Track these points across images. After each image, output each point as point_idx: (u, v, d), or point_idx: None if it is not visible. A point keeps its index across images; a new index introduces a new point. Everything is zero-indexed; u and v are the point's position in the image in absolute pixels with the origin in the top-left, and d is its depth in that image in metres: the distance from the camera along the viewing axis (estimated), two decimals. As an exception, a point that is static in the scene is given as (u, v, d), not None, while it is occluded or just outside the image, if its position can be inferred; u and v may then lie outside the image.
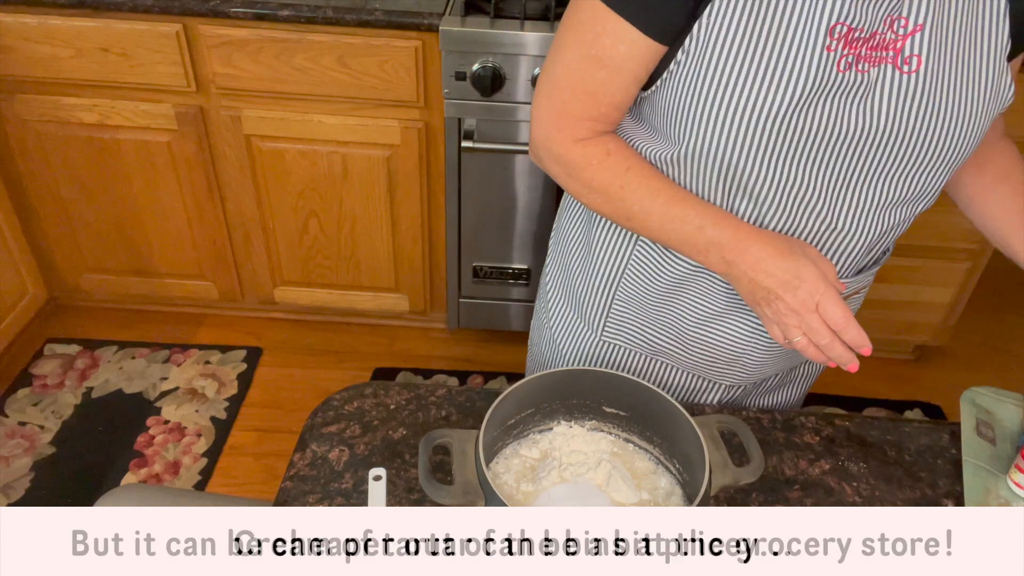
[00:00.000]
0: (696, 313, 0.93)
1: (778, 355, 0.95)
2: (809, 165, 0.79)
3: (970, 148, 0.82)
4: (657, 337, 0.98)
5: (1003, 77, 0.80)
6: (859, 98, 0.76)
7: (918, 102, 0.77)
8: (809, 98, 0.75)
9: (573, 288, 1.03)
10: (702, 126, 0.79)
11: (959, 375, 2.36)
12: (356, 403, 0.94)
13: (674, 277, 0.91)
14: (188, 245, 2.17)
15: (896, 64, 0.76)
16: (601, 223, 0.97)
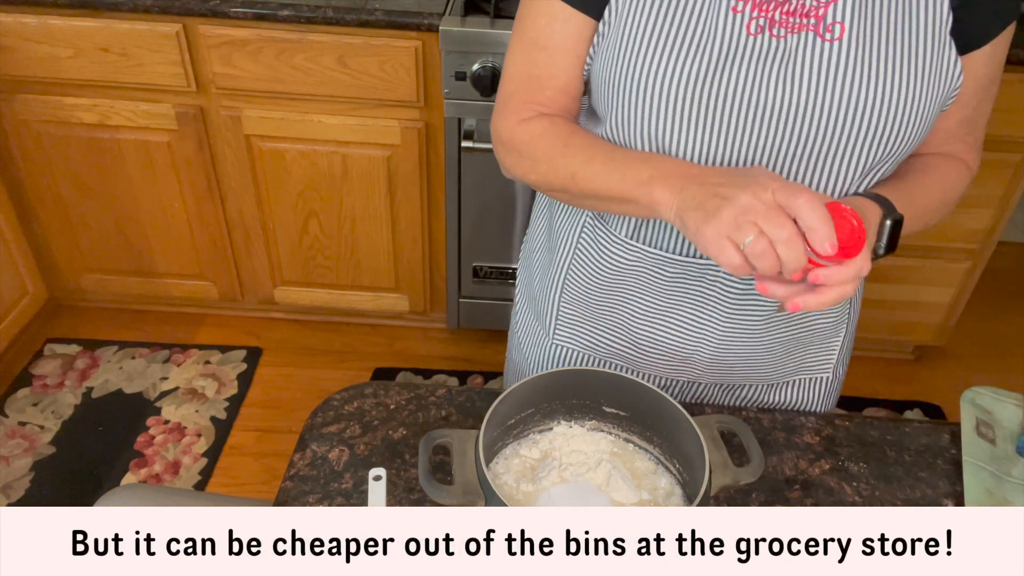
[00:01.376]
0: (641, 311, 0.92)
1: (736, 349, 0.93)
2: (734, 136, 0.77)
3: (911, 134, 0.77)
4: (607, 339, 0.97)
5: (944, 52, 0.77)
6: (779, 66, 0.75)
7: (842, 71, 0.74)
8: (722, 63, 0.74)
9: (533, 290, 1.03)
10: (624, 97, 0.78)
11: (959, 375, 2.36)
12: (356, 403, 0.94)
13: (615, 268, 0.90)
14: (188, 245, 2.17)
15: (818, 32, 0.74)
16: (558, 215, 0.96)
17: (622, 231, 0.88)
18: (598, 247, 0.91)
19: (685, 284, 0.88)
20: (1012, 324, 2.59)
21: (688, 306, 0.90)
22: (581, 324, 0.98)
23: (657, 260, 0.87)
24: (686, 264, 0.87)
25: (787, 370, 0.99)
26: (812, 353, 0.98)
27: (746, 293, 0.87)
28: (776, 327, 0.91)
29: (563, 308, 0.98)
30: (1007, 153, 1.91)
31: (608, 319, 0.95)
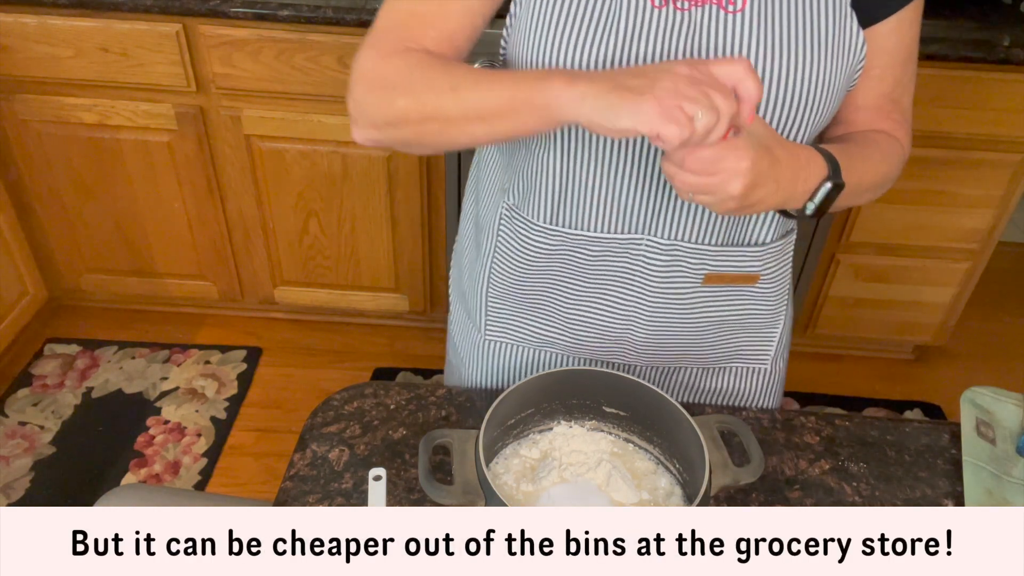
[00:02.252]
0: (568, 294, 0.92)
1: (666, 327, 0.93)
2: None
3: (816, 106, 0.78)
4: (538, 328, 0.97)
5: (846, 24, 0.77)
6: (685, 39, 0.75)
7: (744, 43, 0.75)
8: (630, 39, 0.74)
9: (463, 287, 1.04)
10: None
11: (959, 375, 2.36)
12: (356, 403, 0.94)
13: (537, 254, 0.90)
14: (188, 245, 2.17)
15: (721, 4, 0.75)
16: (482, 207, 0.96)
17: (539, 217, 0.88)
18: (517, 236, 0.91)
19: (609, 262, 0.88)
20: (1012, 324, 2.59)
21: (614, 284, 0.90)
22: (511, 316, 0.98)
23: (578, 240, 0.87)
24: (608, 242, 0.87)
25: (723, 355, 0.99)
26: (748, 341, 0.98)
27: (669, 265, 0.87)
28: (704, 306, 0.92)
29: (491, 303, 0.98)
30: (1007, 153, 1.91)
31: (537, 307, 0.95)
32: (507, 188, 0.92)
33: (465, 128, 0.72)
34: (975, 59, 1.77)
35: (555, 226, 0.87)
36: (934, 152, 1.92)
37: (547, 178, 0.85)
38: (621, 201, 0.84)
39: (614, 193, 0.84)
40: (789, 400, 2.25)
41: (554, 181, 0.85)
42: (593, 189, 0.84)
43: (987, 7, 2.06)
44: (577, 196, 0.85)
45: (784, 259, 0.93)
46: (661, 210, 0.84)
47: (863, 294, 2.19)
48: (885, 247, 2.09)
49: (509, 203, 0.91)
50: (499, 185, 0.94)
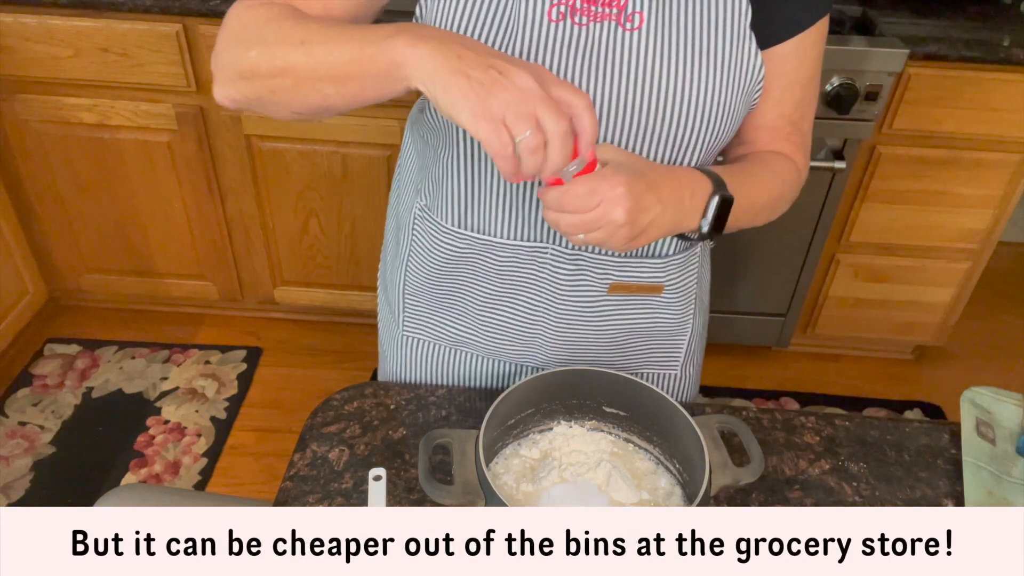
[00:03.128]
0: (481, 296, 0.93)
1: (575, 331, 0.93)
2: None
3: (714, 125, 0.78)
4: (453, 327, 0.98)
5: (744, 44, 0.78)
6: (582, 55, 0.75)
7: (641, 61, 0.75)
8: (529, 52, 0.75)
9: (386, 281, 1.05)
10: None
11: (959, 375, 2.36)
12: (356, 403, 0.94)
13: (448, 256, 0.91)
14: (188, 245, 2.17)
15: (619, 21, 0.75)
16: (402, 203, 0.97)
17: (448, 220, 0.89)
18: (430, 237, 0.92)
19: (517, 268, 0.89)
20: (1012, 324, 2.59)
21: (523, 289, 0.91)
22: (427, 314, 0.99)
23: (486, 245, 0.88)
24: (515, 248, 0.88)
25: (632, 361, 1.00)
26: (657, 348, 0.99)
27: (574, 274, 0.88)
28: (611, 314, 0.93)
29: (408, 299, 0.99)
30: (1007, 153, 1.91)
31: (451, 306, 0.96)
32: (420, 189, 0.93)
33: (315, 86, 0.68)
34: (975, 59, 1.77)
35: (463, 230, 0.88)
36: (934, 152, 1.92)
37: (454, 183, 0.86)
38: (525, 210, 0.85)
39: (519, 202, 0.84)
40: (789, 400, 2.26)
41: (461, 186, 0.86)
42: (498, 196, 0.85)
43: (987, 7, 2.06)
44: (483, 202, 0.86)
45: (688, 270, 0.94)
46: None
47: (863, 294, 2.19)
48: (885, 247, 2.09)
49: (421, 203, 0.92)
50: (414, 185, 0.95)
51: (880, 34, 1.85)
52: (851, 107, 1.80)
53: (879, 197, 2.00)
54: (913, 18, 1.96)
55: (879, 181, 1.97)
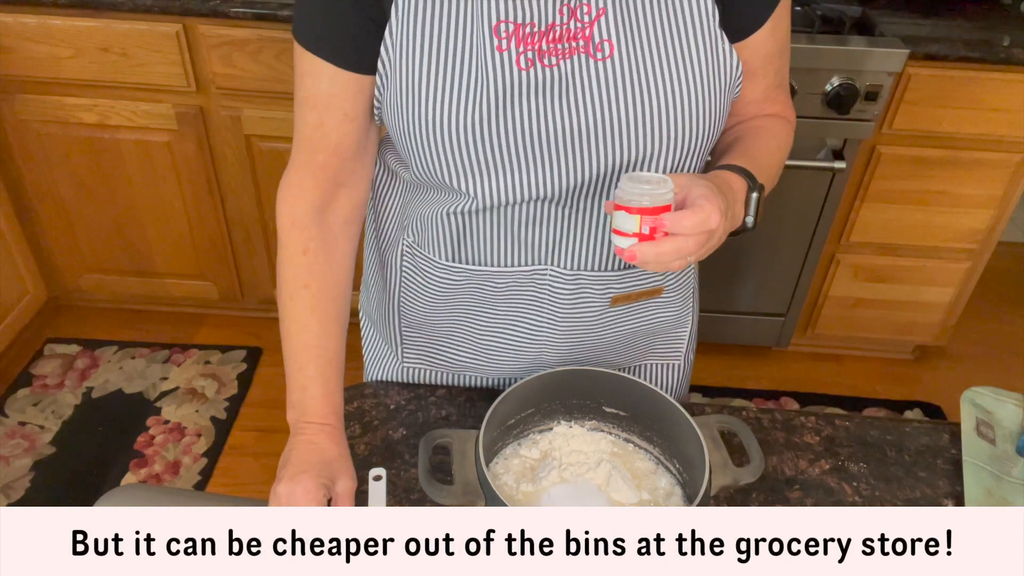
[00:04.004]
0: (481, 324, 0.92)
1: (580, 342, 0.93)
2: (529, 170, 0.77)
3: (702, 132, 0.78)
4: (455, 355, 0.97)
5: (718, 46, 0.76)
6: (558, 94, 0.74)
7: (618, 88, 0.74)
8: (502, 102, 0.73)
9: (373, 314, 1.03)
10: (415, 145, 0.77)
11: (959, 375, 2.36)
12: (356, 403, 0.94)
13: (443, 289, 0.90)
14: (188, 245, 2.17)
15: (589, 52, 0.74)
16: (384, 240, 0.97)
17: (440, 256, 0.88)
18: (421, 272, 0.90)
19: (516, 292, 0.88)
20: (1012, 324, 2.59)
21: (523, 312, 0.90)
22: (427, 345, 0.98)
23: (483, 275, 0.87)
24: (512, 274, 0.87)
25: (636, 354, 1.00)
26: (660, 341, 1.00)
27: (575, 293, 0.88)
28: (613, 323, 0.93)
29: (406, 331, 0.98)
30: (1007, 153, 1.91)
31: (451, 336, 0.95)
32: (406, 226, 0.91)
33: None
34: (975, 59, 1.77)
35: (458, 264, 0.87)
36: (934, 152, 1.92)
37: (444, 227, 0.85)
38: (520, 238, 0.84)
39: (513, 232, 0.83)
40: (789, 400, 2.26)
41: (451, 229, 0.85)
42: (491, 233, 0.84)
43: (987, 7, 2.06)
44: (476, 238, 0.85)
45: (687, 269, 0.94)
46: (561, 242, 0.84)
47: (863, 294, 2.19)
48: (885, 247, 2.09)
49: (409, 241, 0.91)
50: (398, 222, 0.94)
51: (880, 34, 1.85)
52: (851, 107, 1.80)
53: (879, 197, 2.00)
54: (913, 18, 1.96)
55: (879, 181, 1.97)
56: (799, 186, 1.95)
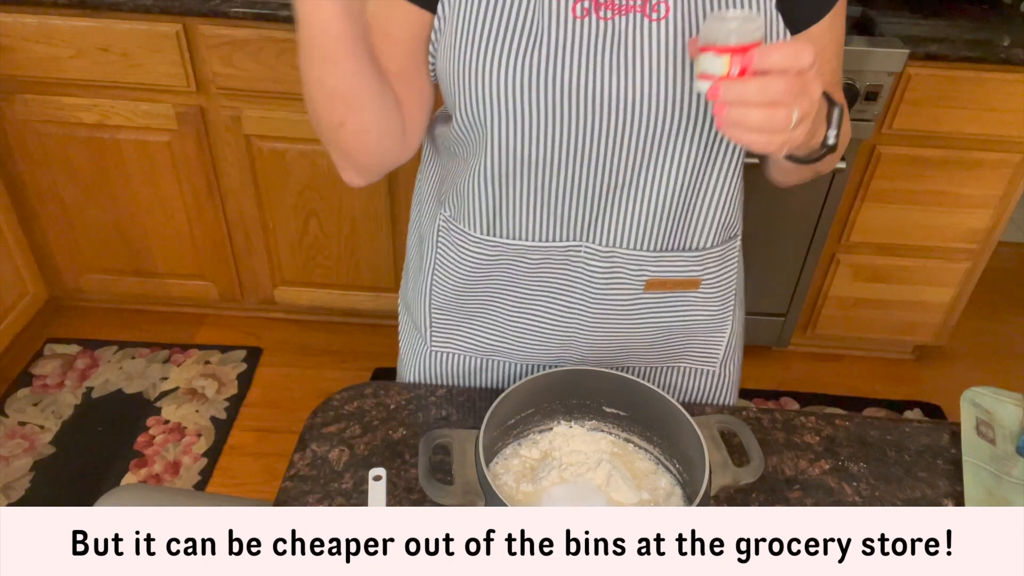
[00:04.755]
0: (511, 303, 0.92)
1: (610, 329, 0.93)
2: (575, 125, 0.77)
3: None
4: (483, 338, 0.97)
5: (774, 24, 0.77)
6: (612, 50, 0.75)
7: (669, 50, 0.75)
8: (554, 51, 0.74)
9: (408, 298, 1.03)
10: (466, 92, 0.78)
11: (959, 375, 2.36)
12: (356, 403, 0.94)
13: (477, 265, 0.90)
14: (188, 245, 2.17)
15: (644, 12, 0.74)
16: (425, 220, 0.96)
17: (475, 228, 0.88)
18: (456, 247, 0.91)
19: (549, 270, 0.89)
20: (1012, 324, 2.59)
21: (556, 292, 0.90)
22: (456, 327, 0.98)
23: (517, 249, 0.87)
24: (547, 250, 0.87)
25: (670, 354, 0.99)
26: (697, 343, 0.98)
27: (609, 272, 0.87)
28: (647, 312, 0.92)
29: (435, 314, 0.98)
30: (1007, 153, 1.91)
31: (481, 317, 0.95)
32: (443, 200, 0.92)
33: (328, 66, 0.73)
34: (975, 59, 1.77)
35: (492, 237, 0.87)
36: (934, 152, 1.92)
37: (481, 191, 0.85)
38: (557, 211, 0.84)
39: (549, 204, 0.84)
40: (789, 400, 2.26)
41: (489, 192, 0.85)
42: (527, 201, 0.84)
43: (987, 7, 2.06)
44: (512, 207, 0.85)
45: (727, 265, 0.93)
46: (598, 218, 0.84)
47: (863, 294, 2.19)
48: (885, 247, 2.09)
49: (446, 215, 0.91)
50: (436, 197, 0.94)
51: (880, 34, 1.85)
52: (851, 107, 1.80)
53: (879, 197, 2.00)
54: (913, 18, 1.96)
55: (879, 181, 1.97)
56: (799, 186, 1.95)
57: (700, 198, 0.85)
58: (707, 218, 0.87)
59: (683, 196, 0.84)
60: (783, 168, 0.85)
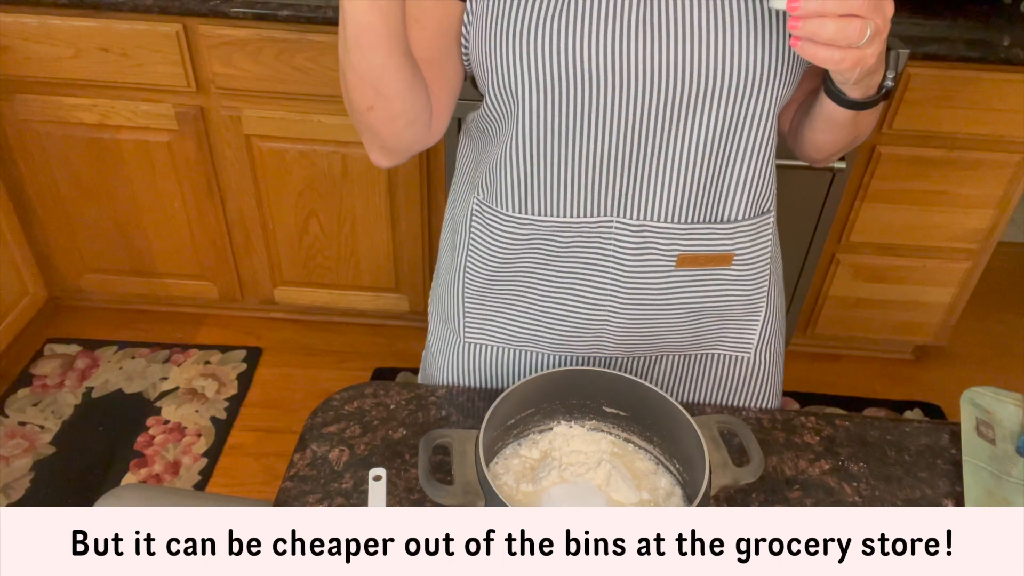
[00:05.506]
0: (543, 286, 0.93)
1: (643, 312, 0.93)
2: (607, 94, 0.79)
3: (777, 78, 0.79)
4: (516, 325, 0.97)
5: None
6: (640, 19, 0.77)
7: (698, 18, 0.76)
8: (586, 22, 0.76)
9: (439, 296, 1.04)
10: (501, 75, 0.80)
11: (959, 375, 2.36)
12: (356, 403, 0.94)
13: (509, 246, 0.90)
14: (188, 245, 2.17)
15: None
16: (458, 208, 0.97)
17: (507, 207, 0.89)
18: (488, 229, 0.91)
19: (580, 248, 0.89)
20: (1012, 324, 2.59)
21: (587, 272, 0.91)
22: (488, 316, 0.98)
23: (548, 227, 0.88)
24: (578, 226, 0.87)
25: (702, 340, 0.99)
26: (728, 328, 0.98)
27: (640, 247, 0.88)
28: (679, 291, 0.92)
29: (468, 304, 0.98)
30: (1007, 153, 1.91)
31: (513, 304, 0.96)
32: (477, 183, 0.93)
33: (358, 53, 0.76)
34: (975, 59, 1.77)
35: (524, 214, 0.88)
36: (934, 152, 1.92)
37: (512, 167, 0.86)
38: (587, 184, 0.85)
39: (580, 177, 0.85)
40: (789, 400, 2.26)
41: (520, 168, 0.86)
42: (558, 174, 0.85)
43: (987, 7, 2.06)
44: (543, 183, 0.86)
45: (760, 241, 0.92)
46: (628, 191, 0.85)
47: (863, 294, 2.19)
48: (885, 247, 2.09)
49: (479, 199, 0.92)
50: (470, 182, 0.96)
51: (880, 34, 1.85)
52: (851, 107, 1.79)
53: (879, 197, 2.00)
54: (913, 18, 1.96)
55: (879, 181, 1.97)
56: (799, 186, 1.95)
57: (730, 166, 0.85)
58: (738, 188, 0.87)
59: (713, 164, 0.84)
60: (833, 121, 0.84)
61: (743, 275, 0.93)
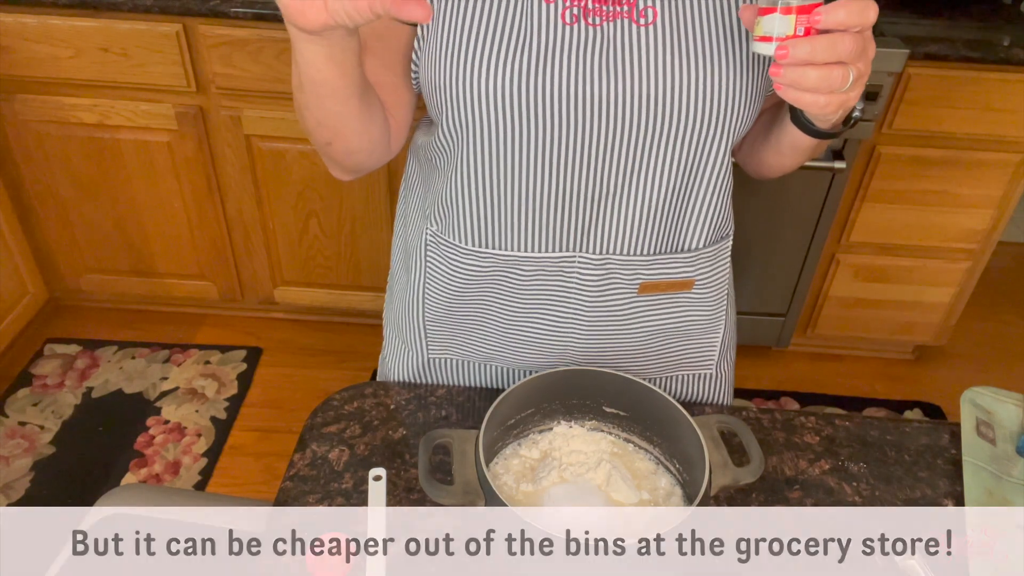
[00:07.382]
0: (506, 313, 0.92)
1: (606, 339, 0.93)
2: (563, 130, 0.77)
3: (737, 113, 0.78)
4: (479, 345, 0.97)
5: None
6: (598, 55, 0.75)
7: (658, 56, 0.75)
8: (543, 57, 0.74)
9: (394, 316, 1.03)
10: (451, 100, 0.78)
11: (959, 375, 2.36)
12: (356, 403, 0.94)
13: (468, 277, 0.89)
14: (188, 245, 2.17)
15: (632, 18, 0.75)
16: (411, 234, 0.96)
17: (465, 241, 0.87)
18: (446, 260, 0.90)
19: (542, 280, 0.88)
20: (1012, 324, 2.59)
21: (550, 301, 0.90)
22: (451, 336, 0.97)
23: (510, 261, 0.87)
24: (540, 260, 0.86)
25: (666, 364, 0.99)
26: (689, 349, 0.98)
27: (602, 279, 0.87)
28: (641, 315, 0.92)
29: (430, 326, 0.97)
30: (1007, 153, 1.91)
31: (476, 326, 0.95)
32: (429, 214, 0.91)
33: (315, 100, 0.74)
34: (975, 59, 1.77)
35: (483, 248, 0.87)
36: (934, 152, 1.92)
37: (466, 201, 0.85)
38: (548, 219, 0.84)
39: (540, 212, 0.83)
40: (789, 400, 2.26)
41: (474, 204, 0.84)
42: (517, 209, 0.84)
43: (987, 7, 2.06)
44: (502, 217, 0.84)
45: (719, 265, 0.93)
46: (590, 227, 0.84)
47: (863, 294, 2.19)
48: (885, 247, 2.09)
49: (432, 230, 0.90)
50: (421, 211, 0.94)
51: (880, 34, 1.85)
52: (851, 107, 1.79)
53: (879, 197, 2.00)
54: (913, 18, 1.96)
55: (879, 181, 1.97)
56: (799, 186, 1.95)
57: (691, 199, 0.85)
58: (699, 219, 0.87)
59: (675, 198, 0.84)
60: (797, 147, 0.83)
61: (704, 297, 0.94)
